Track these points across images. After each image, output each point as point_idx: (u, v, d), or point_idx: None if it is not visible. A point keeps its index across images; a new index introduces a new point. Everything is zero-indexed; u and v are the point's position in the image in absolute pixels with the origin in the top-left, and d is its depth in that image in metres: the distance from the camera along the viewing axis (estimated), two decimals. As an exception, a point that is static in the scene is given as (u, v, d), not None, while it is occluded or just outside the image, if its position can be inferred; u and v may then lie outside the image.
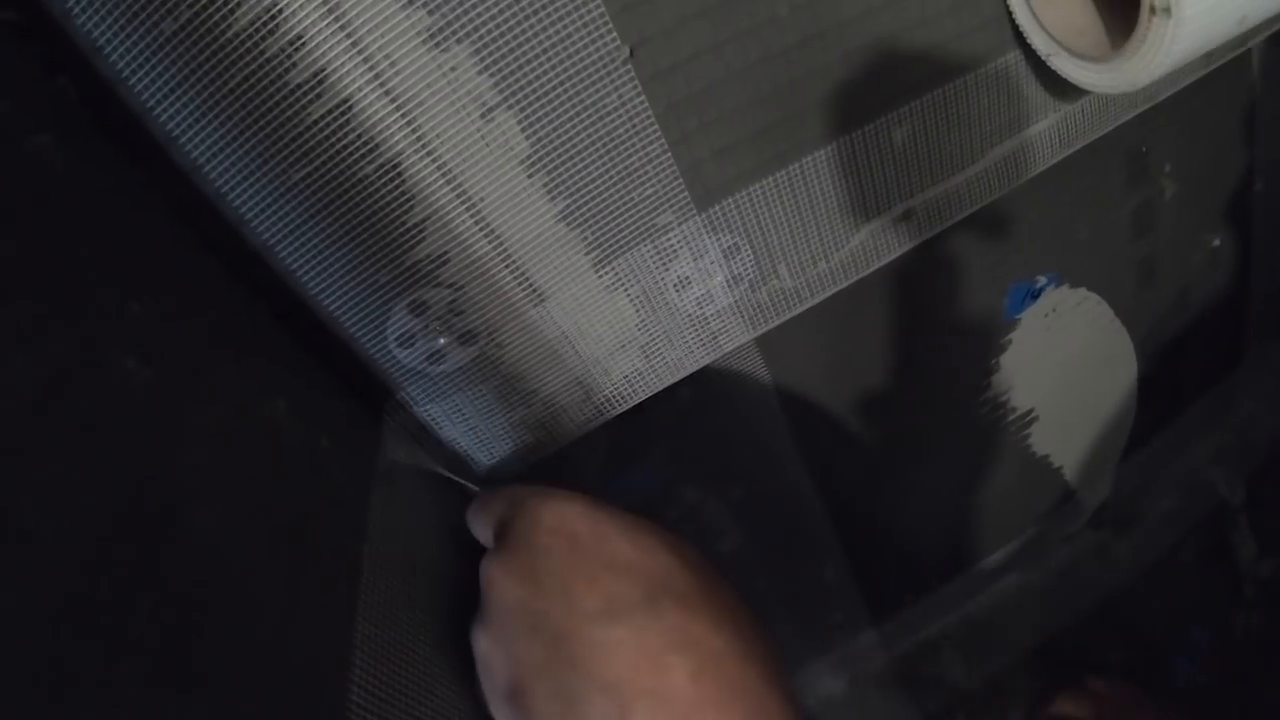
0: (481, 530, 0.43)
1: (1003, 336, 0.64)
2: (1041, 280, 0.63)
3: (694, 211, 0.42)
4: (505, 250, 0.39)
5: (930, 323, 0.59)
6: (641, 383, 0.46)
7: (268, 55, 0.33)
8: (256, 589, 0.31)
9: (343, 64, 0.34)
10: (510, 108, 0.36)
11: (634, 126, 0.39)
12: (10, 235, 0.28)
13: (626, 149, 0.39)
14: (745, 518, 0.50)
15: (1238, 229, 0.73)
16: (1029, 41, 0.46)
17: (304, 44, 0.33)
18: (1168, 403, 0.80)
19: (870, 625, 0.76)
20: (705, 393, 0.52)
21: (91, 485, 0.27)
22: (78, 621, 0.24)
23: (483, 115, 0.36)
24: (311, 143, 0.35)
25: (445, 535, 0.44)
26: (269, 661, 0.30)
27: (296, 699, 0.31)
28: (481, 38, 0.35)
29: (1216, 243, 0.74)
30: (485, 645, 0.39)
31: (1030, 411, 0.69)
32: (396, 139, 0.36)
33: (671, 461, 0.55)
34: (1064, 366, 0.69)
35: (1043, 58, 0.45)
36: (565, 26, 0.36)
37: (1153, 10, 0.38)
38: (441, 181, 0.37)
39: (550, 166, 0.38)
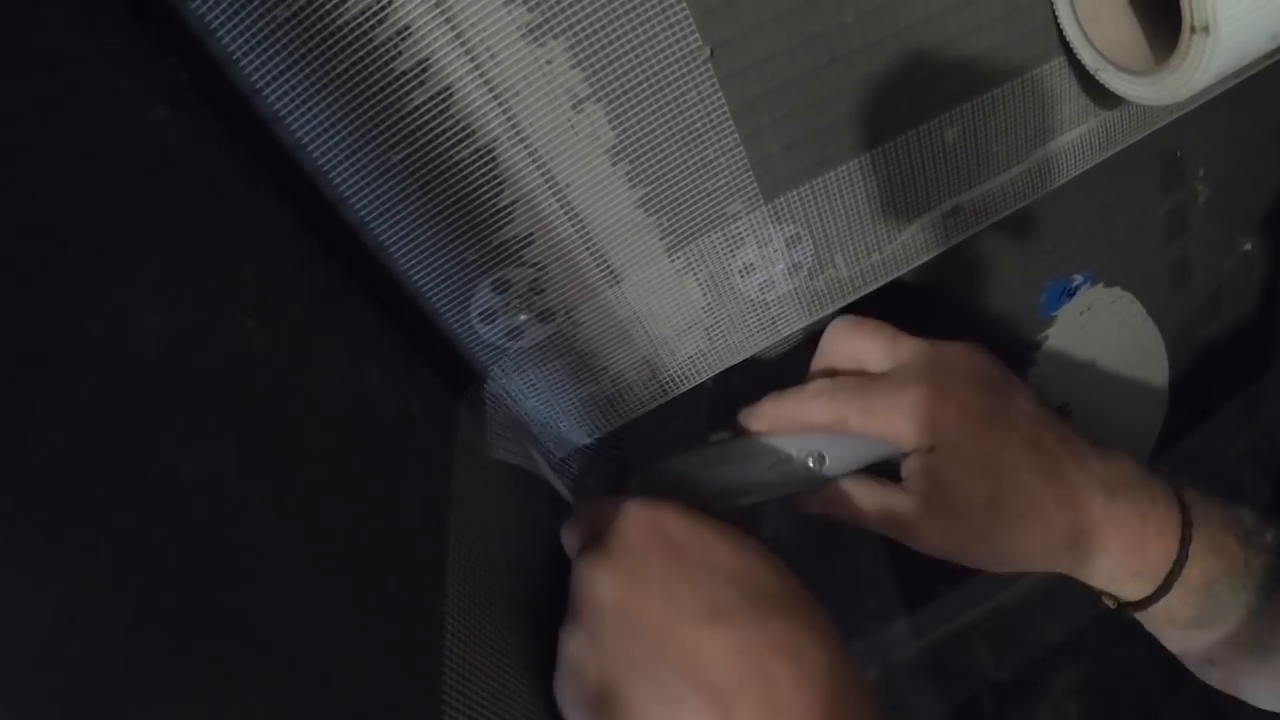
0: (573, 539, 0.44)
1: (1039, 333, 0.66)
2: (1077, 279, 0.65)
3: (761, 202, 0.45)
4: (586, 233, 0.42)
5: (970, 317, 0.62)
6: (704, 363, 0.49)
7: (376, 43, 0.36)
8: (362, 540, 0.34)
9: (446, 54, 0.37)
10: (599, 100, 0.39)
11: (711, 121, 0.42)
12: (138, 199, 0.31)
13: (703, 142, 0.42)
14: (784, 505, 0.52)
15: (1269, 234, 0.75)
16: (1078, 56, 0.48)
17: (410, 34, 0.36)
18: (1197, 403, 0.82)
19: (902, 614, 0.78)
20: (754, 378, 0.55)
21: (223, 435, 0.30)
22: (216, 559, 0.27)
23: (574, 106, 0.39)
24: (412, 127, 0.38)
25: (516, 509, 0.47)
26: (372, 608, 0.33)
27: (397, 642, 0.34)
28: (576, 34, 0.38)
29: (1248, 246, 0.75)
30: (575, 645, 0.39)
31: (1064, 407, 0.71)
32: (492, 126, 0.39)
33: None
34: (1097, 364, 0.71)
35: (1091, 72, 0.48)
36: (653, 26, 0.39)
37: (1193, 29, 0.40)
38: (532, 167, 0.40)
39: (633, 156, 0.41)
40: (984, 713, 0.81)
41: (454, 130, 0.39)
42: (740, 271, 0.46)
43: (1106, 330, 0.69)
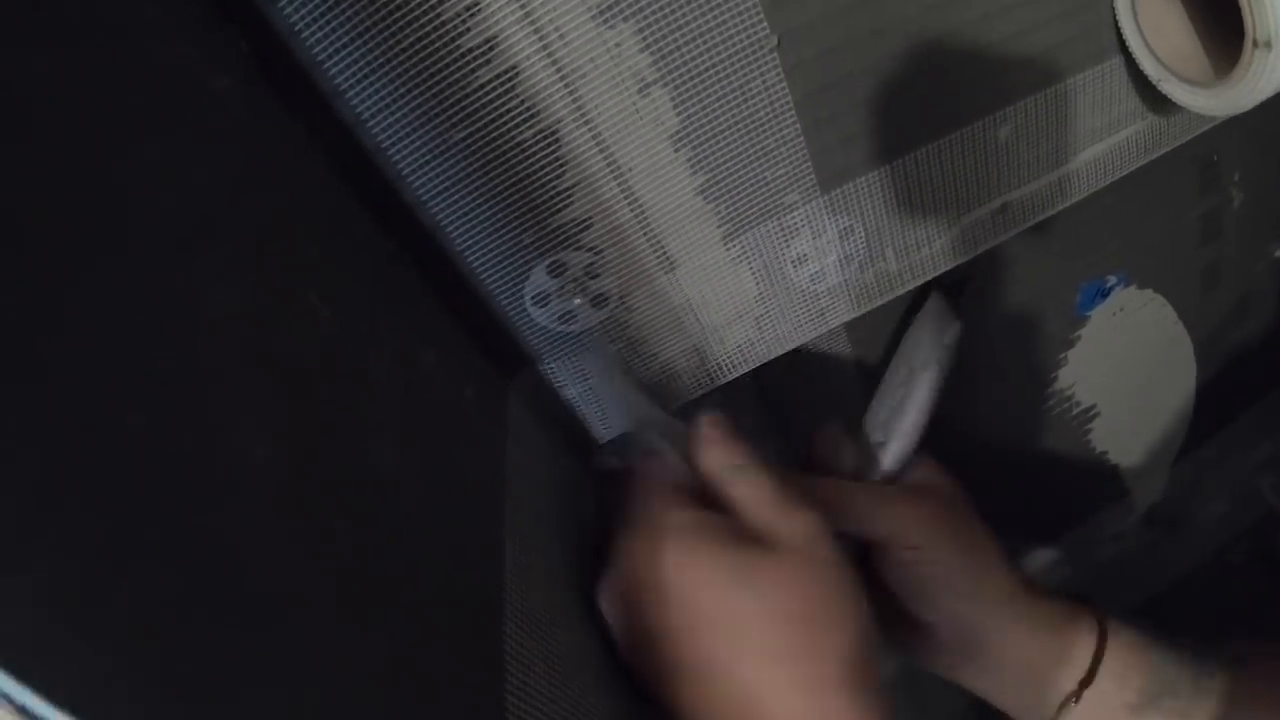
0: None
1: (1072, 332, 0.66)
2: (1112, 279, 0.65)
3: (818, 193, 0.44)
4: (645, 218, 0.42)
5: (1006, 314, 0.62)
6: (752, 352, 0.49)
7: (443, 19, 0.36)
8: (427, 521, 0.34)
9: (514, 33, 0.37)
10: (665, 85, 0.39)
11: (773, 110, 0.41)
12: (204, 169, 0.31)
13: (764, 131, 0.41)
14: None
15: None
16: (1140, 66, 0.48)
17: (479, 10, 0.36)
18: (1222, 408, 0.81)
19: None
20: (795, 367, 0.54)
21: (295, 413, 0.29)
22: (284, 541, 0.26)
23: (640, 90, 0.39)
24: (475, 105, 0.38)
25: (561, 495, 0.47)
26: (441, 588, 0.33)
27: (459, 627, 0.33)
28: (645, 18, 0.37)
29: (1279, 254, 0.75)
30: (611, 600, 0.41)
31: (1093, 408, 0.71)
32: (557, 107, 0.38)
33: (755, 432, 0.58)
34: (1127, 366, 0.71)
35: (1153, 82, 0.48)
36: (721, 14, 0.38)
37: (1255, 43, 0.40)
38: (595, 150, 0.40)
39: (695, 142, 0.41)
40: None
41: (518, 110, 0.38)
42: (793, 261, 0.46)
43: (1138, 332, 0.69)
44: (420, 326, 0.40)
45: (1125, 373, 0.71)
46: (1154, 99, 0.52)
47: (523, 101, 0.38)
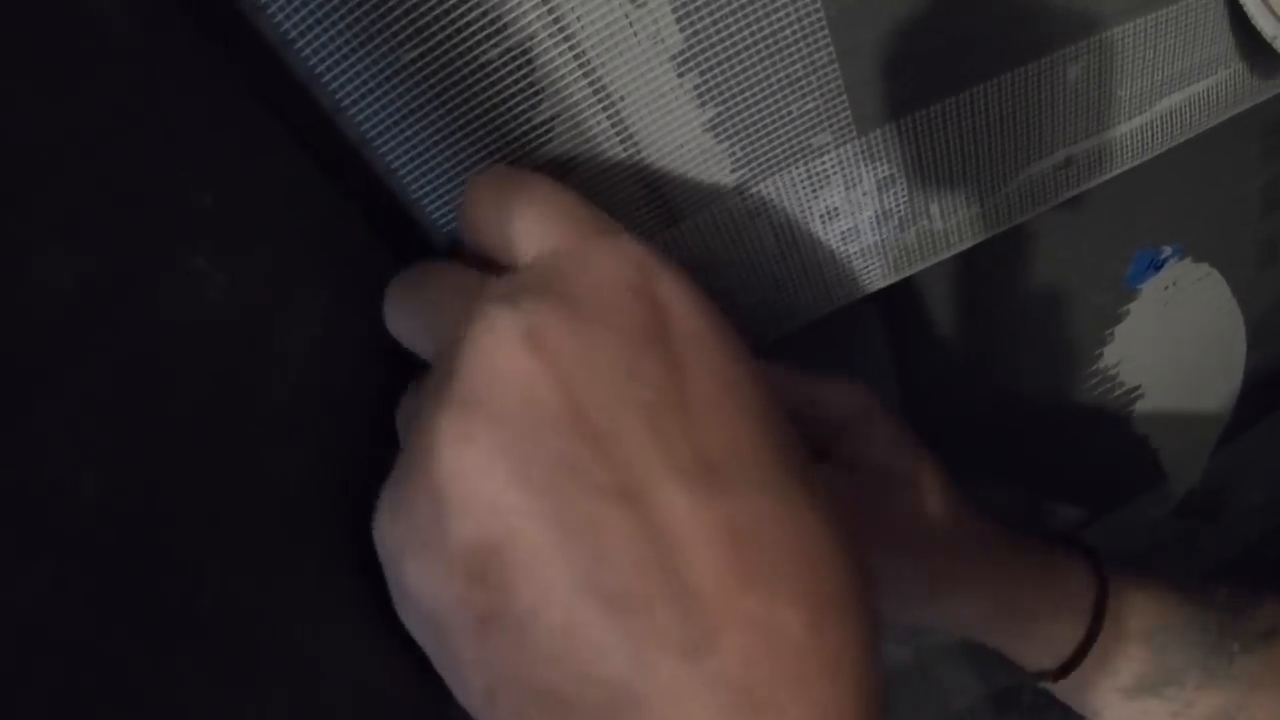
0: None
1: (1121, 306, 0.57)
2: (1166, 250, 0.57)
3: (854, 134, 0.35)
4: (643, 159, 0.33)
5: (1054, 284, 0.53)
6: (771, 322, 0.39)
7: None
8: (350, 541, 0.25)
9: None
10: (667, -10, 0.29)
11: (803, 28, 0.31)
12: (52, 101, 0.22)
13: (791, 53, 0.32)
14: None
15: None
16: (1254, 24, 0.38)
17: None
18: (1269, 393, 0.73)
19: (944, 595, 0.70)
20: (818, 330, 0.45)
21: (148, 408, 0.20)
22: (110, 608, 0.18)
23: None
24: (427, 18, 0.29)
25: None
26: (368, 618, 0.24)
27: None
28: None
29: None
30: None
31: (1137, 388, 0.62)
32: (529, 19, 0.29)
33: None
34: (1176, 344, 0.62)
35: (1268, 39, 0.38)
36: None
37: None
38: (578, 73, 0.30)
39: (704, 66, 0.31)
40: (1022, 701, 0.72)
41: (480, 23, 0.29)
42: (822, 216, 0.37)
43: (1190, 308, 0.61)
44: (362, 292, 0.31)
45: (1173, 352, 0.62)
46: (1242, 44, 0.42)
47: (485, 12, 0.29)
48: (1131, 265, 0.56)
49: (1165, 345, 0.61)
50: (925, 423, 0.56)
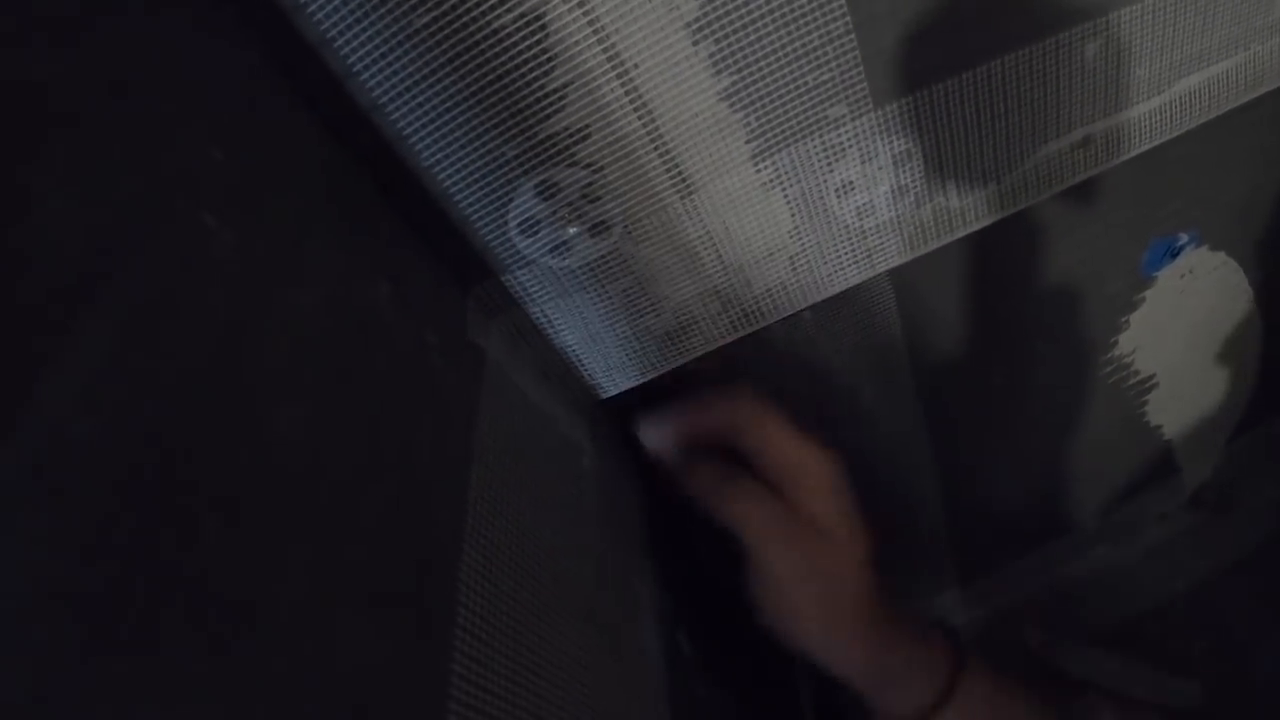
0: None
1: (1137, 294, 0.56)
2: (1184, 238, 0.55)
3: (870, 106, 0.34)
4: (656, 128, 0.32)
5: (1068, 271, 0.52)
6: (785, 298, 0.38)
7: None
8: (352, 511, 0.24)
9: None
10: (684, -46, 0.28)
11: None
12: (63, 47, 0.21)
13: (807, 22, 0.31)
14: (855, 454, 0.43)
15: None
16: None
17: None
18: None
19: (955, 585, 0.69)
20: (829, 316, 0.44)
21: (150, 362, 0.20)
22: (108, 555, 0.17)
23: (650, -38, 0.28)
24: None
25: (553, 454, 0.37)
26: (364, 598, 0.23)
27: (401, 635, 0.24)
28: None
29: None
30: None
31: (1152, 377, 0.60)
32: (540, -20, 0.28)
33: (785, 387, 0.48)
34: (1191, 333, 0.61)
35: None
36: None
37: None
38: (593, 39, 0.29)
39: (719, 34, 0.30)
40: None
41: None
42: (837, 190, 0.35)
43: (1205, 297, 0.59)
44: (372, 254, 0.30)
45: (1188, 341, 0.61)
46: (1266, 25, 0.40)
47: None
48: (1148, 252, 0.54)
49: (1180, 334, 0.60)
50: (939, 409, 0.55)
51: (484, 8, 0.28)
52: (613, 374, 0.40)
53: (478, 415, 0.32)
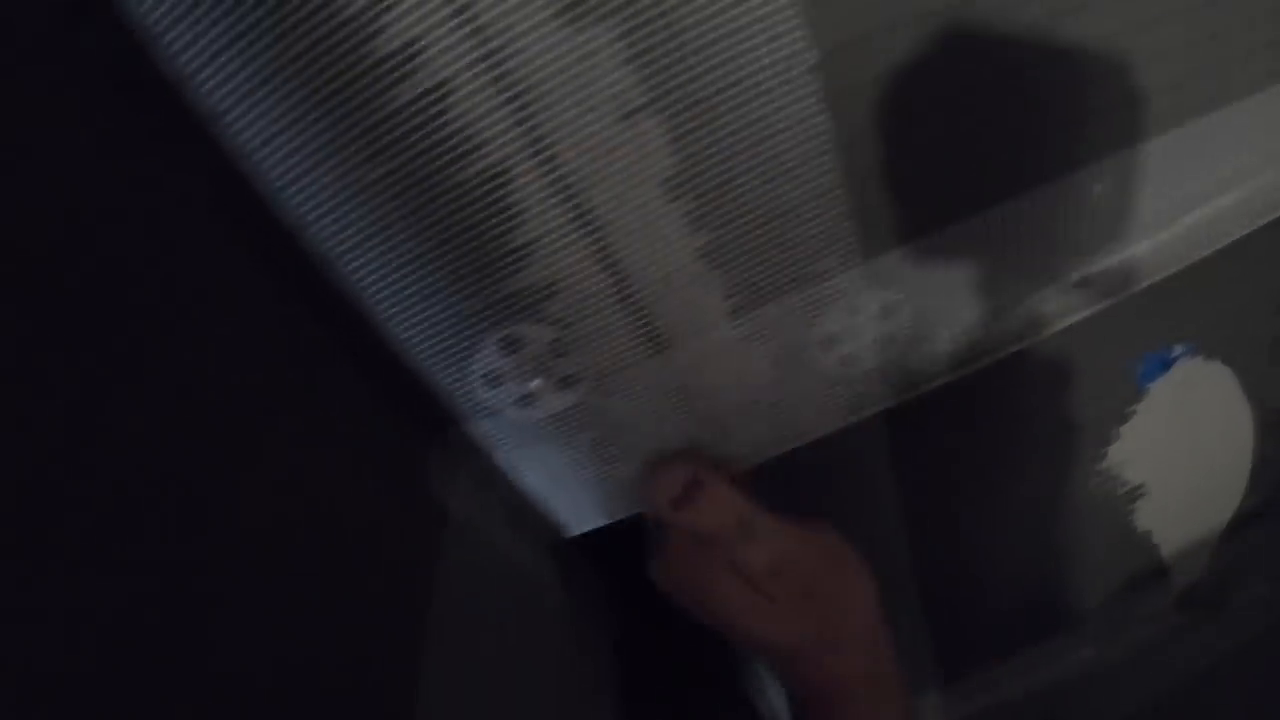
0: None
1: (1129, 406, 0.54)
2: (1178, 350, 0.53)
3: (859, 260, 0.31)
4: (628, 286, 0.29)
5: (1060, 384, 0.50)
6: (763, 446, 0.35)
7: (345, 16, 0.23)
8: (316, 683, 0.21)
9: (445, 34, 0.24)
10: (658, 111, 0.26)
11: (806, 151, 0.28)
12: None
13: (793, 178, 0.28)
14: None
15: None
16: None
17: (394, 5, 0.23)
18: (1273, 487, 0.69)
19: (936, 686, 0.66)
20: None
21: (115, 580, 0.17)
22: None
23: (622, 118, 0.26)
24: (396, 133, 0.25)
25: (518, 600, 0.34)
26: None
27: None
28: (631, 18, 0.24)
29: None
30: None
31: (1141, 485, 0.59)
32: (507, 138, 0.25)
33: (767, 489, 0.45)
34: (1182, 442, 0.59)
35: None
36: (741, 17, 0.25)
37: None
38: (559, 197, 0.27)
39: (698, 191, 0.28)
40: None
41: (454, 140, 0.25)
42: (820, 342, 0.33)
43: (1198, 407, 0.57)
44: (329, 418, 0.27)
45: (1179, 450, 0.59)
46: (1273, 152, 0.38)
47: (459, 129, 0.25)
48: (1142, 366, 0.52)
49: (1171, 443, 0.58)
50: (921, 517, 0.53)
51: (443, 161, 0.26)
52: (580, 516, 0.37)
53: (435, 583, 0.29)
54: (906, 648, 0.61)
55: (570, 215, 0.27)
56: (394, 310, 0.29)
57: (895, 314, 0.33)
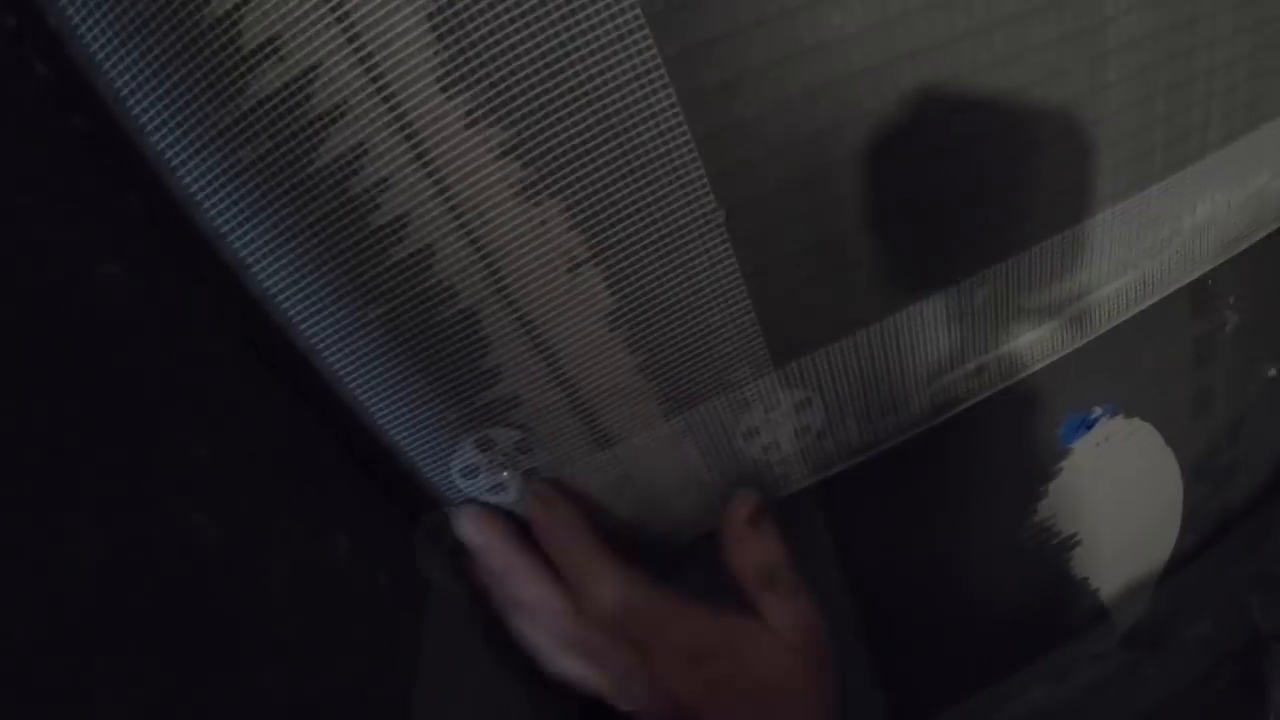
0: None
1: (1054, 464, 0.60)
2: (1097, 411, 0.59)
3: (770, 368, 0.38)
4: (578, 398, 0.36)
5: (985, 447, 0.56)
6: (700, 520, 0.43)
7: (350, 195, 0.31)
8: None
9: (428, 210, 0.31)
10: (598, 264, 0.33)
11: (720, 286, 0.35)
12: (83, 382, 0.26)
13: (711, 307, 0.36)
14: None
15: None
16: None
17: (389, 187, 0.31)
18: (1208, 527, 0.75)
19: (890, 729, 0.72)
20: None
21: (167, 656, 0.24)
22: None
23: (569, 270, 0.33)
24: (390, 284, 0.33)
25: (489, 645, 0.41)
26: None
27: None
28: (575, 194, 0.32)
29: (1273, 372, 0.69)
30: None
31: (1074, 536, 0.65)
32: (478, 287, 0.33)
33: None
34: (1110, 493, 0.64)
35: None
36: (662, 188, 0.32)
37: None
38: (520, 331, 0.34)
39: (633, 321, 0.35)
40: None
41: (435, 289, 0.33)
42: (743, 435, 0.40)
43: (1122, 460, 0.63)
44: (332, 510, 0.35)
45: (1108, 500, 0.65)
46: (1150, 249, 0.45)
47: (440, 281, 0.32)
48: (1063, 427, 0.59)
49: (1099, 495, 0.63)
50: (861, 578, 0.59)
51: (427, 305, 0.33)
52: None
53: (424, 637, 0.36)
54: (858, 698, 0.67)
55: (529, 343, 0.34)
56: (389, 418, 0.36)
57: (808, 408, 0.40)
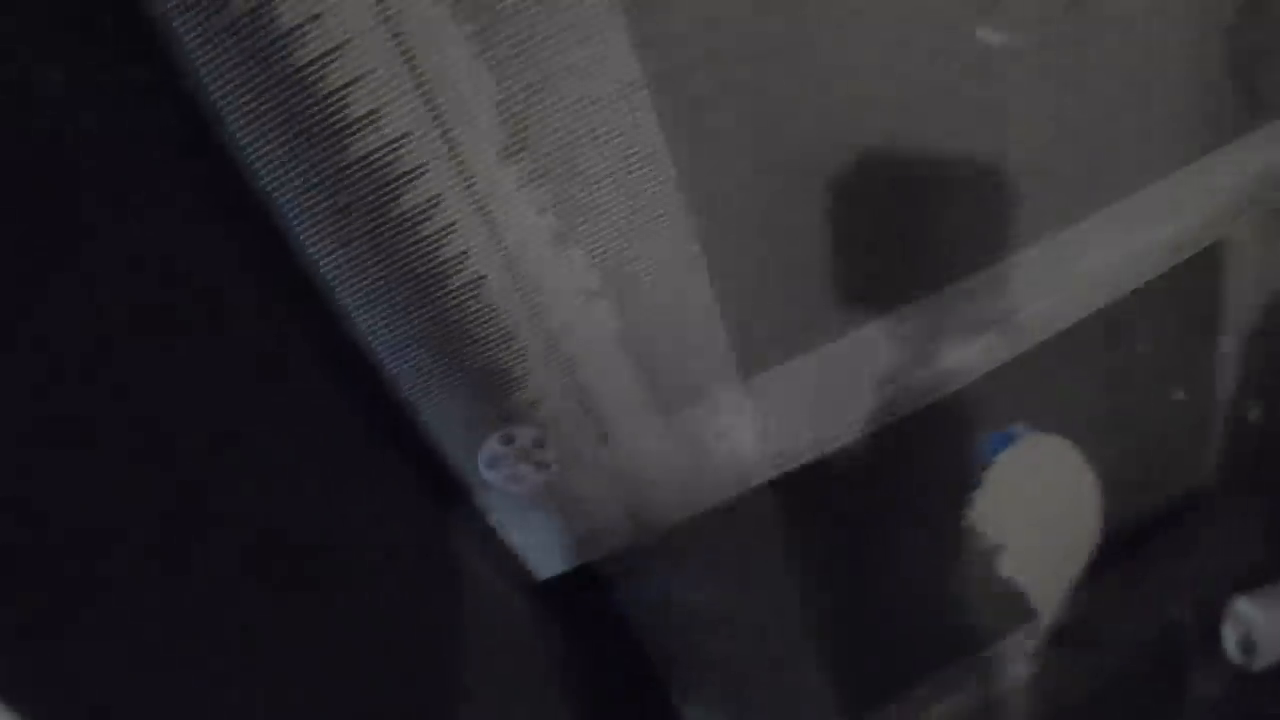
0: None
1: (979, 476, 0.69)
2: (1017, 429, 0.68)
3: (738, 381, 0.50)
4: (587, 401, 0.47)
5: (911, 464, 0.65)
6: (676, 509, 0.53)
7: (423, 235, 0.41)
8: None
9: (486, 252, 0.42)
10: (607, 297, 0.44)
11: (704, 317, 0.47)
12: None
13: (698, 332, 0.47)
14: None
15: (1203, 385, 0.78)
16: None
17: (455, 231, 0.41)
18: (1131, 531, 0.82)
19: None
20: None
21: None
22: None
23: (586, 300, 0.44)
24: (449, 306, 0.43)
25: (506, 616, 0.52)
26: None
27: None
28: (593, 243, 0.43)
29: (1181, 396, 0.77)
30: None
31: (999, 545, 0.73)
32: (515, 311, 0.43)
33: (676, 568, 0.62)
34: (1032, 503, 0.73)
35: None
36: (659, 238, 0.44)
37: None
38: (547, 348, 0.45)
39: (636, 341, 0.46)
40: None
41: (481, 312, 0.43)
42: (714, 436, 0.51)
43: (1042, 473, 0.72)
44: (399, 506, 0.45)
45: (1029, 509, 0.73)
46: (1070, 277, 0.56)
47: (485, 305, 0.43)
48: (985, 444, 0.68)
49: (1021, 504, 0.72)
50: (809, 583, 0.68)
51: (474, 324, 0.44)
52: (549, 562, 0.54)
53: (463, 606, 0.46)
54: (800, 697, 0.75)
55: (550, 358, 0.45)
56: (433, 417, 0.47)
57: (770, 414, 0.52)
